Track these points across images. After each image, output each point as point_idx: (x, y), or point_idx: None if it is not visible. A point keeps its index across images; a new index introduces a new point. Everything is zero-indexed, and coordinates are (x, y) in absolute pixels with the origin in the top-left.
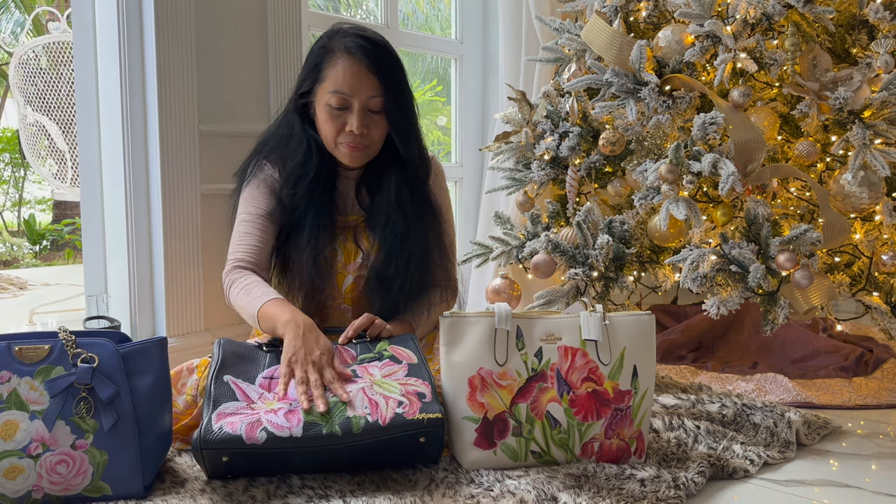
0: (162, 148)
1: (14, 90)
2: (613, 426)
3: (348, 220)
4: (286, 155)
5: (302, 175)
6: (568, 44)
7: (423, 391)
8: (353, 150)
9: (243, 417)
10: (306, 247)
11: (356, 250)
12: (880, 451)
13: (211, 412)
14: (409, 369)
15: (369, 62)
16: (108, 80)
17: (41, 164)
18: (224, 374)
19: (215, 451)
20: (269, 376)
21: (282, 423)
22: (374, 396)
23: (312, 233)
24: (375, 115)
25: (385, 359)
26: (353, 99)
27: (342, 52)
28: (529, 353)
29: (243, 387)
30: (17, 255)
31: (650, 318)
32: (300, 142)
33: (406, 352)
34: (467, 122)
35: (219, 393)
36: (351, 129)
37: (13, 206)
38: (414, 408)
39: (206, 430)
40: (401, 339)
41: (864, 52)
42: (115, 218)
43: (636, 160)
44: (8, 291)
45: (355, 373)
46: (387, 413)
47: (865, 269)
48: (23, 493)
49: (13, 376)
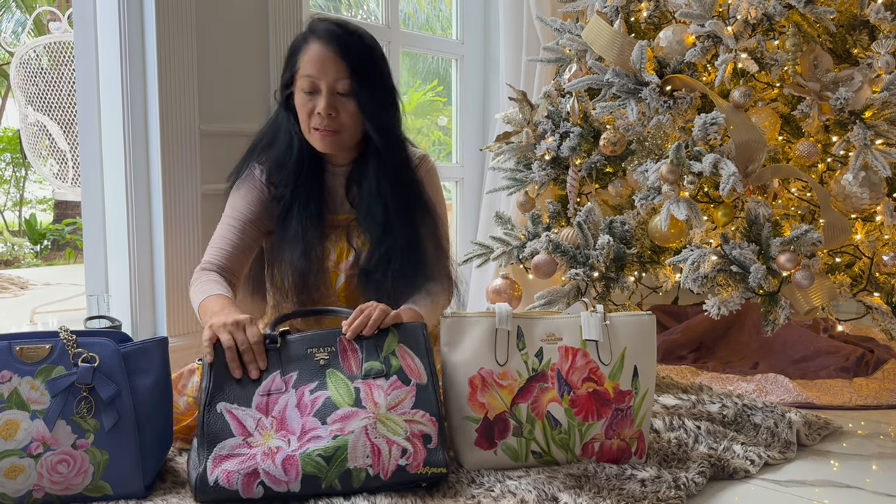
0: (163, 147)
1: (15, 90)
2: (614, 426)
3: (339, 220)
4: (272, 152)
5: (283, 163)
6: (569, 44)
7: (428, 432)
8: (324, 135)
9: (240, 462)
10: (293, 239)
11: (348, 249)
12: (881, 451)
13: (207, 456)
14: (416, 395)
15: (337, 46)
16: (109, 79)
17: (42, 164)
18: (217, 402)
19: (212, 500)
20: (266, 391)
21: (279, 475)
22: (377, 441)
23: (300, 224)
24: (344, 98)
25: (392, 375)
26: (320, 82)
27: (313, 39)
28: (530, 353)
29: (239, 415)
30: (18, 255)
31: (651, 318)
32: (284, 134)
33: (416, 362)
34: (468, 122)
35: (214, 429)
36: (319, 110)
37: (14, 206)
38: (418, 459)
39: (202, 480)
40: (411, 333)
41: (865, 53)
42: (116, 218)
43: (637, 160)
44: (9, 291)
45: (359, 392)
46: (389, 465)
47: (866, 270)
48: (23, 493)
49: (14, 376)
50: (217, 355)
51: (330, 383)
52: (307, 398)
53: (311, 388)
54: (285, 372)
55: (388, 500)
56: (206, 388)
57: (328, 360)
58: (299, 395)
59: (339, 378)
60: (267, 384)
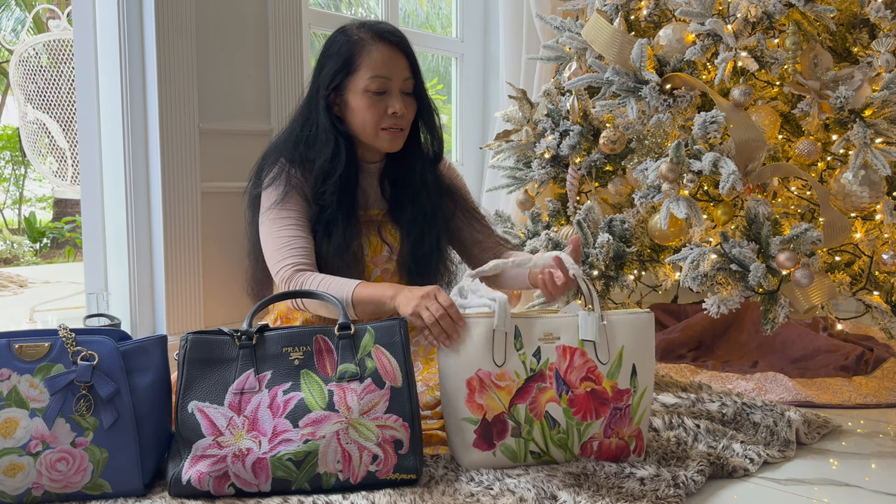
0: (162, 146)
1: (14, 88)
2: (612, 425)
3: (371, 215)
4: (312, 155)
5: (331, 171)
6: (569, 42)
7: (400, 438)
8: (395, 135)
9: (211, 465)
10: (336, 244)
11: (381, 244)
12: (880, 450)
13: (187, 455)
14: (390, 398)
15: (399, 46)
16: (108, 77)
17: (42, 162)
18: (189, 401)
19: (185, 496)
20: (239, 390)
21: (249, 478)
22: (348, 446)
23: (343, 230)
24: (408, 97)
25: (367, 378)
26: (391, 81)
27: (374, 40)
28: (528, 352)
29: (211, 413)
30: (18, 253)
31: (649, 316)
32: (327, 139)
33: (392, 363)
34: (468, 120)
35: (185, 432)
36: (394, 110)
37: (14, 204)
38: (388, 464)
39: (177, 478)
40: (388, 333)
41: (864, 51)
42: (116, 216)
43: (637, 159)
44: (8, 289)
45: (332, 395)
46: (359, 471)
47: (866, 268)
48: (23, 491)
49: (13, 374)
50: (189, 350)
51: (304, 384)
52: (280, 399)
53: (284, 389)
54: (259, 370)
55: (387, 499)
56: (178, 387)
57: (303, 359)
58: (272, 396)
59: (313, 379)
60: (240, 382)
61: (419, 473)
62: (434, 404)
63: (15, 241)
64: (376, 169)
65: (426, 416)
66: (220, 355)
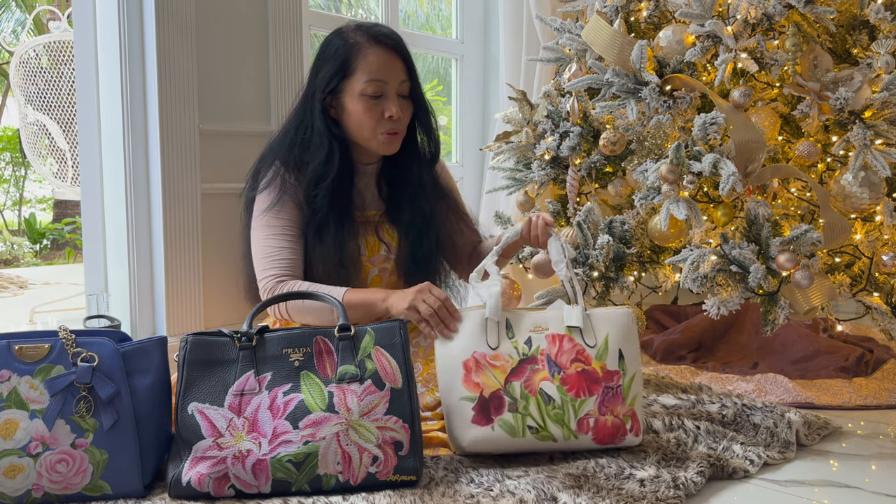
0: (162, 147)
1: (15, 89)
2: (606, 402)
3: (368, 216)
4: (306, 158)
5: (323, 175)
6: (569, 44)
7: (400, 439)
8: (392, 138)
9: (211, 466)
10: (331, 248)
11: (378, 243)
12: (880, 451)
13: (187, 456)
14: (390, 400)
15: (396, 48)
16: (108, 79)
17: (42, 163)
18: (189, 403)
19: (185, 497)
20: (239, 391)
21: (249, 480)
22: (349, 448)
23: (337, 234)
24: (404, 100)
25: (367, 380)
26: (388, 85)
27: (370, 43)
28: (520, 340)
29: (210, 415)
30: (18, 254)
31: (628, 311)
32: (321, 143)
33: (392, 364)
34: (468, 121)
35: (185, 433)
36: (390, 114)
37: (14, 205)
38: (388, 466)
39: (177, 479)
40: (388, 334)
41: (864, 53)
42: (116, 217)
43: (637, 160)
44: (8, 290)
45: (332, 397)
46: (359, 472)
47: (866, 270)
48: (22, 492)
49: (13, 375)
50: (189, 352)
51: (304, 386)
52: (280, 400)
53: (284, 391)
54: (259, 372)
55: (387, 501)
56: (178, 388)
57: (303, 361)
58: (272, 397)
59: (313, 381)
60: (241, 384)
61: (419, 475)
62: (434, 405)
63: (15, 243)
64: (373, 170)
65: (426, 418)
66: (221, 357)
